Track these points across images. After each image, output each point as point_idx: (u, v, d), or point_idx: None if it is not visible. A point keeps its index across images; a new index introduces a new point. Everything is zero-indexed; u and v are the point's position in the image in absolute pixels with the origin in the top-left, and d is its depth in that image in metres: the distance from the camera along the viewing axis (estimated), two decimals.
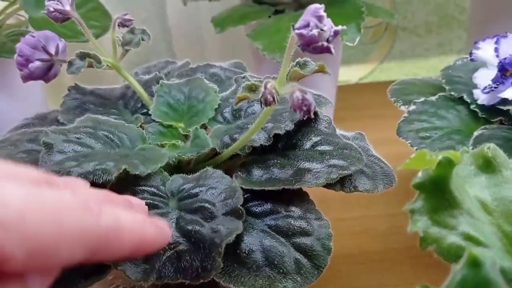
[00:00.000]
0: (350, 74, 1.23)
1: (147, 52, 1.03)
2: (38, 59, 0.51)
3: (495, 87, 0.49)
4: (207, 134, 0.48)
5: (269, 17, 0.70)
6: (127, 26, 0.51)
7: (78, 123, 0.47)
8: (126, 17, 0.51)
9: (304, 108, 0.35)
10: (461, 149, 0.32)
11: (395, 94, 0.60)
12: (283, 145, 0.47)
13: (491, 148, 0.32)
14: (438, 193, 0.29)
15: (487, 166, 0.32)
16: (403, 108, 0.59)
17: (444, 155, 0.28)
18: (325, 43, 0.33)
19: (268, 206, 0.42)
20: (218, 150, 0.47)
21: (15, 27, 0.72)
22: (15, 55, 0.51)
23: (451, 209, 0.29)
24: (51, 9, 0.49)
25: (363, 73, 1.25)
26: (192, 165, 0.49)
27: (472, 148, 0.48)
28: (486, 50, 0.53)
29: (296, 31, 0.33)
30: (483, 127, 0.51)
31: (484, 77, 0.53)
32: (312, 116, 0.36)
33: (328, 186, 0.44)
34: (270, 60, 0.68)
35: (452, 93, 0.55)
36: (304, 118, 0.37)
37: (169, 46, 1.06)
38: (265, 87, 0.37)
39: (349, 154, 0.45)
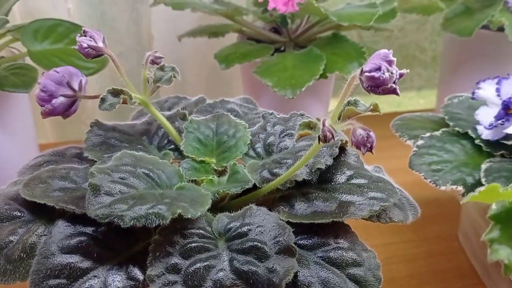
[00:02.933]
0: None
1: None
2: (62, 95, 0.51)
3: (500, 124, 0.54)
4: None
5: (272, 54, 0.72)
6: (157, 64, 0.51)
7: (116, 160, 0.46)
8: (157, 54, 0.51)
9: (368, 145, 0.37)
10: None
11: (399, 129, 0.64)
12: (318, 179, 0.49)
13: None
14: None
15: None
16: (409, 142, 0.63)
17: None
18: (394, 85, 0.36)
19: (316, 239, 0.44)
20: (258, 185, 0.47)
21: (12, 61, 0.70)
22: (37, 91, 0.50)
23: None
24: (85, 45, 0.48)
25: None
26: (226, 201, 0.49)
27: (485, 180, 0.53)
28: (487, 90, 0.58)
29: (367, 73, 0.36)
30: (488, 160, 0.56)
31: (486, 114, 0.58)
32: (373, 153, 0.38)
33: (366, 218, 0.46)
34: (269, 95, 0.71)
35: (457, 128, 0.60)
36: (364, 154, 0.39)
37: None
38: (323, 124, 0.39)
39: (384, 187, 0.47)
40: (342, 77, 0.70)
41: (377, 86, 0.36)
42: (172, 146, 0.53)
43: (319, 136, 0.40)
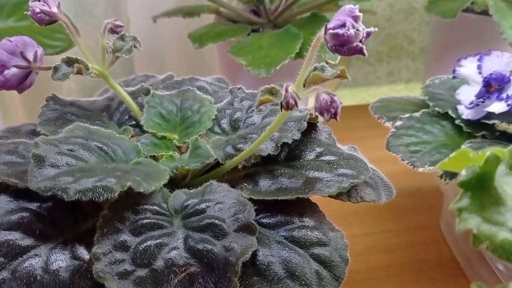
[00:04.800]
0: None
1: None
2: (15, 66, 0.47)
3: (481, 102, 0.52)
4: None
5: (248, 35, 0.69)
6: (117, 33, 0.48)
7: (67, 132, 0.43)
8: (117, 23, 0.48)
9: (332, 111, 0.34)
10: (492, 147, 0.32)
11: (378, 111, 0.61)
12: (286, 156, 0.46)
13: None
14: (484, 191, 0.29)
15: None
16: (387, 124, 0.60)
17: (491, 151, 0.29)
18: (360, 44, 0.33)
19: (280, 217, 0.41)
20: (221, 161, 0.44)
21: None
22: None
23: (497, 206, 0.29)
24: (37, 10, 0.45)
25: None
26: (188, 179, 0.46)
27: None
28: (468, 67, 0.55)
29: (331, 31, 0.33)
30: (469, 141, 0.53)
31: (467, 93, 0.55)
32: (338, 120, 0.35)
33: (336, 196, 0.43)
34: (247, 76, 0.67)
35: (437, 109, 0.57)
36: (328, 121, 0.36)
37: (128, 66, 1.02)
38: (286, 91, 0.36)
39: (355, 164, 0.44)
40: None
41: (341, 45, 0.33)
42: (133, 122, 0.50)
43: (281, 103, 0.36)
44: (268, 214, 0.41)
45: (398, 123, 0.57)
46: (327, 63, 0.37)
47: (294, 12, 0.76)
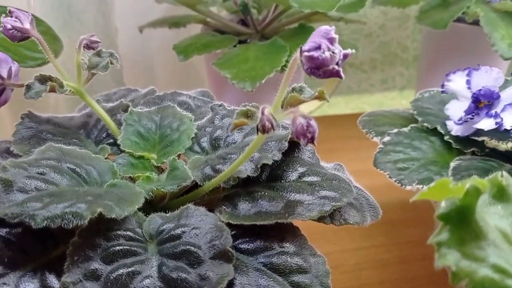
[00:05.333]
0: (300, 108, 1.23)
1: (92, 82, 0.98)
2: None
3: (470, 118, 0.50)
4: (185, 165, 0.44)
5: (234, 46, 0.68)
6: (93, 49, 0.47)
7: (38, 154, 0.41)
8: (93, 38, 0.47)
9: (309, 135, 0.33)
10: (472, 178, 0.31)
11: (366, 126, 0.60)
12: (267, 177, 0.44)
13: (504, 177, 0.31)
14: (465, 224, 0.28)
15: (502, 195, 0.31)
16: (375, 139, 0.58)
17: (472, 183, 0.27)
18: (336, 67, 0.31)
19: (259, 243, 0.39)
20: (199, 183, 0.43)
21: None
22: None
23: (478, 240, 0.28)
24: (9, 26, 0.44)
25: (312, 107, 1.26)
26: (166, 201, 0.45)
27: (453, 179, 0.48)
28: (457, 82, 0.54)
29: (306, 53, 0.31)
30: (458, 158, 0.52)
31: (456, 108, 0.54)
32: (315, 144, 0.34)
33: (318, 219, 0.41)
34: (233, 89, 0.66)
35: (425, 124, 0.56)
36: (306, 146, 0.34)
37: (117, 76, 1.01)
38: (263, 113, 0.35)
39: (338, 185, 0.43)
40: None
41: (317, 68, 0.32)
42: (111, 141, 0.49)
43: (257, 126, 0.35)
44: (247, 239, 0.40)
45: (386, 138, 0.56)
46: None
47: (282, 22, 0.75)
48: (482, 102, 0.51)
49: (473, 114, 0.50)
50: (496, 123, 0.47)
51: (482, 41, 0.71)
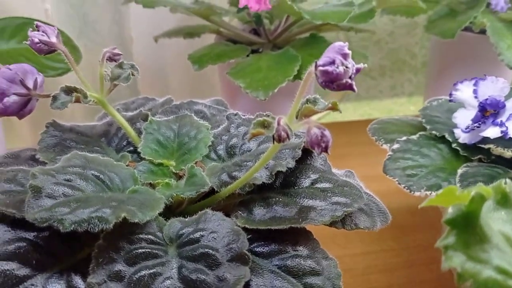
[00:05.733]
0: None
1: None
2: (15, 93, 0.48)
3: (477, 127, 0.52)
4: (203, 172, 0.46)
5: (247, 56, 0.70)
6: (115, 61, 0.49)
7: (64, 161, 0.43)
8: (115, 51, 0.49)
9: (323, 145, 0.35)
10: (477, 186, 0.33)
11: (376, 133, 0.62)
12: (281, 183, 0.46)
13: (508, 184, 0.33)
14: (469, 229, 0.29)
15: (506, 201, 0.32)
16: (385, 146, 0.60)
17: (477, 190, 0.29)
18: (349, 80, 0.33)
19: (274, 246, 0.41)
20: (216, 189, 0.45)
21: None
22: None
23: (482, 243, 0.29)
24: (36, 40, 0.46)
25: (321, 114, 1.27)
26: (184, 206, 0.47)
27: (460, 186, 0.50)
28: (464, 92, 0.55)
29: (321, 68, 0.33)
30: (465, 165, 0.53)
31: (463, 117, 0.55)
32: (329, 153, 0.36)
33: (330, 224, 0.43)
34: (246, 98, 0.68)
35: (434, 132, 0.57)
36: (319, 155, 0.36)
37: (132, 85, 1.04)
38: (278, 123, 0.37)
39: (349, 191, 0.45)
40: None
41: (331, 81, 0.34)
42: (131, 148, 0.51)
43: (273, 136, 0.37)
44: (262, 243, 0.41)
45: (395, 146, 0.57)
46: None
47: (293, 32, 0.77)
48: (488, 111, 0.52)
49: (480, 122, 0.52)
50: (502, 132, 0.49)
51: (489, 50, 0.73)
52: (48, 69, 0.69)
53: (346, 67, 0.33)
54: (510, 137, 0.49)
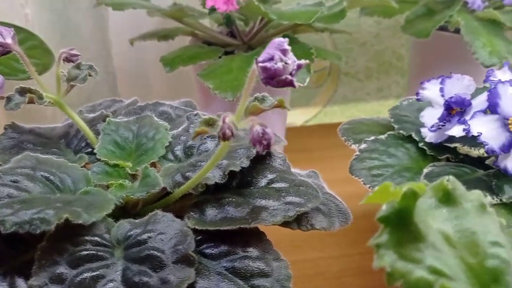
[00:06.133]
0: (295, 117, 1.25)
1: (89, 93, 1.00)
2: None
3: (442, 125, 0.51)
4: (157, 172, 0.46)
5: (220, 57, 0.70)
6: (73, 62, 0.49)
7: (14, 162, 0.43)
8: (72, 52, 0.48)
9: (264, 143, 0.34)
10: (409, 182, 0.32)
11: (346, 133, 0.61)
12: (238, 183, 0.46)
13: (450, 181, 0.32)
14: (403, 226, 0.29)
15: (448, 198, 0.31)
16: (354, 146, 0.59)
17: (408, 186, 0.28)
18: (289, 77, 0.33)
19: (224, 247, 0.40)
20: (169, 190, 0.44)
21: None
22: None
23: (416, 242, 0.28)
24: None
25: (308, 116, 1.27)
26: (140, 208, 0.46)
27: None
28: (431, 90, 0.54)
29: (260, 64, 0.33)
30: (431, 164, 0.52)
31: (431, 116, 0.54)
32: (272, 151, 0.35)
33: (284, 224, 0.42)
34: (220, 99, 0.67)
35: (401, 131, 0.56)
36: (263, 153, 0.35)
37: (112, 87, 1.03)
38: (223, 121, 0.36)
39: (305, 191, 0.44)
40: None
41: (271, 78, 0.33)
42: (90, 150, 0.50)
43: (218, 134, 0.36)
44: (212, 244, 0.41)
45: (363, 146, 0.56)
46: None
47: (268, 33, 0.77)
48: (454, 109, 0.51)
49: (445, 121, 0.51)
50: (464, 130, 0.48)
51: (466, 49, 0.72)
52: (18, 72, 0.69)
53: (286, 63, 0.33)
54: (472, 135, 0.48)
